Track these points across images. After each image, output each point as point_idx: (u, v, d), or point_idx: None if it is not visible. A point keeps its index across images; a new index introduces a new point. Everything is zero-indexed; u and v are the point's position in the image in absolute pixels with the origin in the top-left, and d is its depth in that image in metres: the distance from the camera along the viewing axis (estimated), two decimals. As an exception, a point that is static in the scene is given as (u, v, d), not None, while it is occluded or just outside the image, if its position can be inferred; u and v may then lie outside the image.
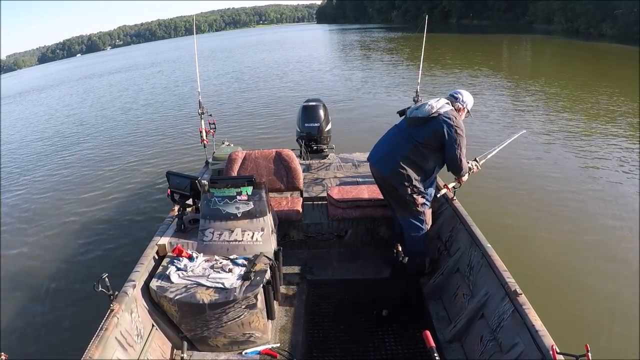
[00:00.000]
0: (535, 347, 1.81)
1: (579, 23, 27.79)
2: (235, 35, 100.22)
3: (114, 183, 7.10)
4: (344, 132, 7.07)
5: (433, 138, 2.72)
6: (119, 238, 5.10)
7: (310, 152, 4.84)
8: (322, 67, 19.90)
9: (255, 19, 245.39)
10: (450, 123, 2.67)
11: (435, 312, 2.74)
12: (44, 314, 3.84)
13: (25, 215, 6.25)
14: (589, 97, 10.20)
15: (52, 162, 8.92)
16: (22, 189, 7.43)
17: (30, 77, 54.45)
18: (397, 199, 2.91)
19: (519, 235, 4.41)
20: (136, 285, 2.38)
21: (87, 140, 10.66)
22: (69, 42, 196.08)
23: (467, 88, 11.42)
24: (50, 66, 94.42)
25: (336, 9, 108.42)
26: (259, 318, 2.44)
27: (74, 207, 6.31)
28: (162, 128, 10.81)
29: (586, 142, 7.19)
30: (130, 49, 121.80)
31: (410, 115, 2.83)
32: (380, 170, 2.91)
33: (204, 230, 2.75)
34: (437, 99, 2.81)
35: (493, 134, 7.91)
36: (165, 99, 15.50)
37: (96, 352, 1.86)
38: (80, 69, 49.28)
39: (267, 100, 12.86)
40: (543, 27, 33.14)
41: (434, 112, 2.70)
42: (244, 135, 8.84)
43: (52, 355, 3.21)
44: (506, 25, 39.34)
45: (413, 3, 60.07)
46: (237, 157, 3.60)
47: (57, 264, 4.70)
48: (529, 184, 5.71)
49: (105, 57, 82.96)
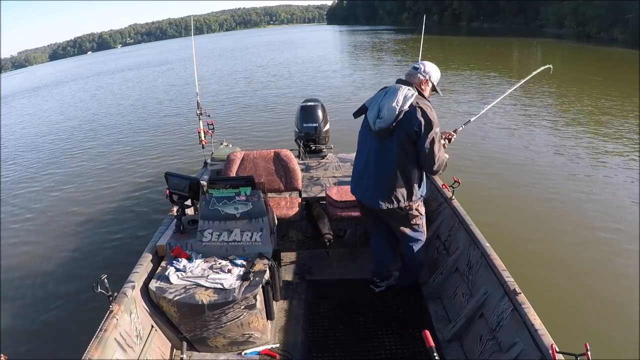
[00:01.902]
0: (535, 346, 1.81)
1: (590, 27, 27.57)
2: (246, 35, 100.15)
3: (112, 184, 7.09)
4: (343, 132, 7.06)
5: (408, 141, 2.40)
6: (118, 239, 5.09)
7: (308, 152, 4.84)
8: (330, 68, 19.96)
9: (266, 19, 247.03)
10: (418, 118, 2.34)
11: (434, 311, 2.74)
12: (44, 315, 3.83)
13: (24, 215, 6.23)
14: (597, 100, 10.11)
15: (50, 164, 8.90)
16: (21, 190, 7.41)
17: (42, 73, 54.57)
18: (393, 219, 2.68)
19: (518, 235, 4.41)
20: (135, 286, 2.37)
21: (86, 140, 10.66)
22: (80, 40, 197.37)
23: (474, 90, 11.41)
24: (62, 63, 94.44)
25: (347, 10, 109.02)
26: (258, 318, 2.43)
27: (73, 207, 6.30)
28: (161, 129, 10.80)
29: (590, 144, 7.19)
30: (141, 47, 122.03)
31: (376, 128, 2.43)
32: (372, 205, 2.60)
33: (202, 231, 2.74)
34: (393, 90, 2.43)
35: (499, 135, 7.92)
36: (166, 99, 15.50)
37: (95, 353, 1.85)
38: (92, 66, 49.66)
39: (266, 100, 12.88)
40: (554, 31, 32.73)
41: (398, 113, 2.34)
42: (242, 136, 8.83)
43: (52, 356, 3.19)
44: (517, 28, 38.91)
45: (424, 5, 59.74)
46: (235, 158, 3.60)
47: (56, 265, 4.69)
48: (530, 184, 5.72)
49: (116, 55, 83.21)
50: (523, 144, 7.31)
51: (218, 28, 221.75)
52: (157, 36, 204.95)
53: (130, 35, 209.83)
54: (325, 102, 5.42)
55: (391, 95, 2.41)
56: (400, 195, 2.52)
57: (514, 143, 7.40)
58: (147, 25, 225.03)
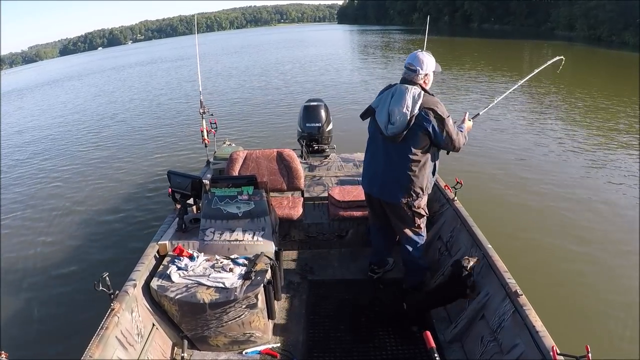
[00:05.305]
0: (536, 347, 1.81)
1: (602, 30, 27.38)
2: (257, 33, 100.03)
3: (114, 182, 7.11)
4: (346, 132, 7.07)
5: (422, 140, 2.46)
6: (119, 237, 5.11)
7: (311, 152, 4.84)
8: (337, 67, 19.95)
9: (277, 17, 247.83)
10: (430, 120, 2.40)
11: (435, 312, 2.74)
12: (45, 312, 3.85)
13: (24, 214, 6.26)
14: (605, 103, 10.06)
15: (53, 161, 8.92)
16: (21, 189, 7.43)
17: (52, 68, 54.98)
18: (399, 218, 2.72)
19: (520, 237, 4.41)
20: (137, 284, 2.38)
21: (87, 137, 10.69)
22: (91, 36, 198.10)
23: (483, 91, 11.30)
24: (73, 58, 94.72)
25: (357, 10, 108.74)
26: (259, 318, 2.44)
27: (73, 205, 6.33)
28: (164, 127, 10.82)
29: (597, 146, 7.17)
30: (151, 43, 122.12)
31: (389, 133, 2.46)
32: (383, 198, 2.67)
33: (204, 229, 2.75)
34: (400, 93, 2.45)
35: (502, 136, 7.90)
36: (170, 97, 15.55)
37: (96, 351, 1.86)
38: (102, 62, 50.02)
39: (270, 99, 12.89)
40: (565, 33, 32.54)
41: (410, 118, 2.39)
42: (245, 135, 8.85)
43: (53, 354, 3.21)
44: (527, 31, 38.69)
45: (434, 5, 59.27)
46: (238, 157, 3.60)
47: (57, 263, 4.71)
48: (532, 185, 5.71)
49: (127, 51, 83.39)
50: (526, 146, 7.30)
51: (229, 26, 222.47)
52: (168, 33, 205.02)
53: (140, 32, 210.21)
54: (330, 101, 5.43)
55: (399, 99, 2.44)
56: (412, 190, 2.57)
57: (517, 144, 7.39)
58: (158, 22, 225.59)
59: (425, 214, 2.74)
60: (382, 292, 2.99)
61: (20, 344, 3.44)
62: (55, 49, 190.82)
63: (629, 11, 24.16)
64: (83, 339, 1.93)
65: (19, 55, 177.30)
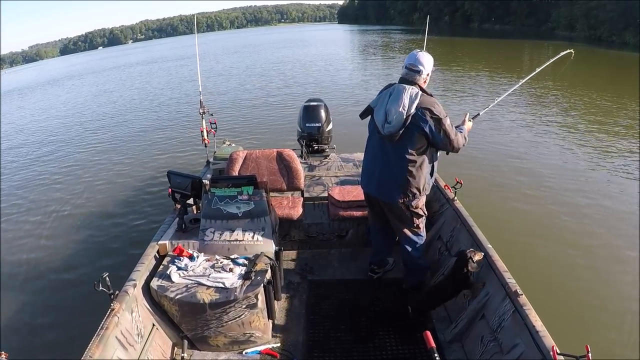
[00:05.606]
0: (536, 347, 1.81)
1: (602, 30, 27.33)
2: (257, 33, 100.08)
3: (114, 182, 7.11)
4: (346, 132, 7.07)
5: (419, 140, 2.46)
6: (119, 237, 5.11)
7: (311, 152, 4.85)
8: (337, 66, 19.93)
9: (277, 17, 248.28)
10: (426, 119, 2.38)
11: (435, 312, 2.74)
12: (45, 313, 3.85)
13: (25, 212, 6.26)
14: (606, 103, 10.05)
15: (53, 161, 8.92)
16: (21, 189, 7.43)
17: (52, 67, 54.96)
18: (398, 218, 2.73)
19: (520, 236, 4.41)
20: (137, 284, 2.38)
21: (87, 137, 10.68)
22: (91, 35, 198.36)
23: (484, 91, 11.29)
24: (73, 58, 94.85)
25: (358, 10, 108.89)
26: (259, 318, 2.44)
27: (74, 205, 6.32)
28: (164, 127, 10.81)
29: (596, 147, 7.16)
30: (152, 43, 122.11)
31: (385, 132, 2.46)
32: (382, 198, 2.68)
33: (204, 229, 2.75)
34: (398, 92, 2.44)
35: (502, 136, 7.89)
36: (170, 96, 15.55)
37: (96, 352, 1.86)
38: (102, 62, 50.02)
39: (270, 99, 12.88)
40: (565, 33, 32.43)
41: (406, 118, 2.38)
42: (245, 135, 8.85)
43: (53, 354, 3.21)
44: (528, 31, 38.63)
45: (435, 5, 59.16)
46: (238, 157, 3.60)
47: (57, 263, 4.71)
48: (533, 185, 5.70)
49: (127, 50, 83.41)
50: (527, 146, 7.30)
51: (229, 25, 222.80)
52: (168, 32, 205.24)
53: (141, 31, 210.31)
54: (330, 101, 5.42)
55: (396, 99, 2.43)
56: (408, 190, 2.56)
57: (518, 144, 7.39)
58: (158, 22, 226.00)
59: (423, 214, 2.73)
60: (382, 292, 3.00)
61: (20, 345, 3.44)
62: (55, 48, 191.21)
63: (630, 11, 24.14)
64: (83, 339, 1.93)
65: (20, 55, 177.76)
